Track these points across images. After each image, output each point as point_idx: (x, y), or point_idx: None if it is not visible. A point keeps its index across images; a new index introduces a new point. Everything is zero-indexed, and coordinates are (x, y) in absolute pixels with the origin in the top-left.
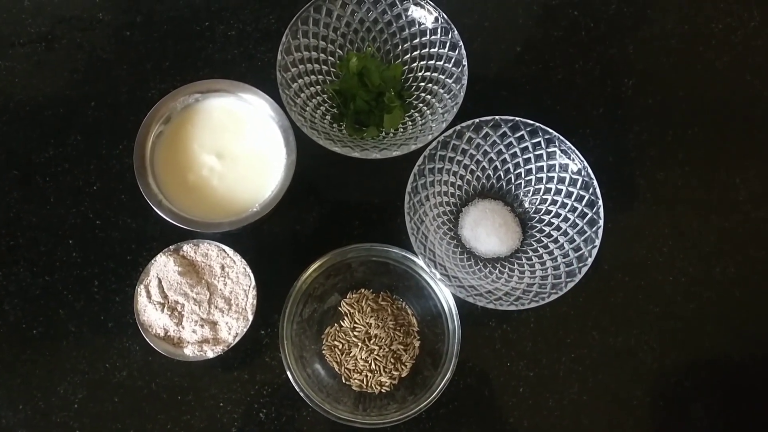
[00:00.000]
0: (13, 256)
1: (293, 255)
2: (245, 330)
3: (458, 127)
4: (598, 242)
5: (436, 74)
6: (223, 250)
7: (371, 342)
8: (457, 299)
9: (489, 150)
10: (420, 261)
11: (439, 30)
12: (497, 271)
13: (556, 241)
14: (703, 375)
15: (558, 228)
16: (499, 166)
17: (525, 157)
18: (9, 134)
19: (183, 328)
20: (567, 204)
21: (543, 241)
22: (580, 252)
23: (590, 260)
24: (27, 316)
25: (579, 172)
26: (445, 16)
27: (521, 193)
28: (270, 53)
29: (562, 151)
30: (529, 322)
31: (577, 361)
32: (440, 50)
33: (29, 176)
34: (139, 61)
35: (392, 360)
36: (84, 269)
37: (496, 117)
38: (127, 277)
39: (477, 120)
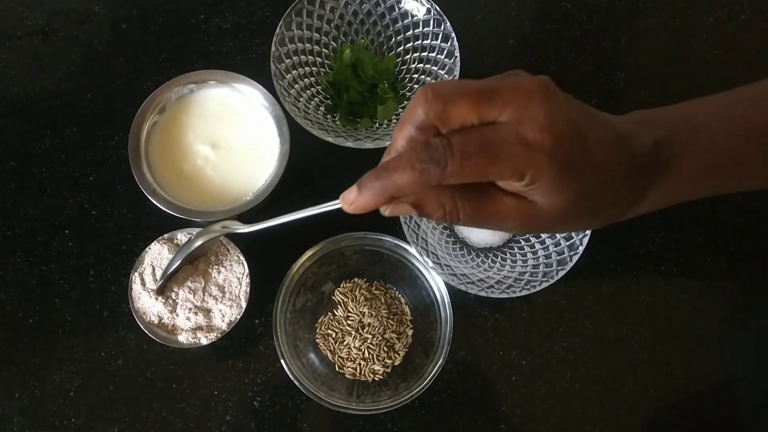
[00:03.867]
0: (10, 246)
1: (287, 244)
2: (239, 317)
3: None
4: (589, 231)
5: (429, 66)
6: (217, 238)
7: (365, 331)
8: (449, 289)
9: None
10: (413, 250)
11: (431, 22)
12: (489, 260)
13: None
14: (695, 364)
15: None
16: None
17: None
18: (6, 126)
19: (177, 315)
20: None
21: None
22: (572, 241)
23: (581, 248)
24: (23, 306)
25: None
26: (438, 8)
27: None
28: (265, 46)
29: None
30: (521, 311)
31: (570, 349)
32: (433, 42)
33: (26, 167)
34: (135, 53)
35: (385, 348)
36: (80, 259)
37: None
38: (123, 267)
39: None
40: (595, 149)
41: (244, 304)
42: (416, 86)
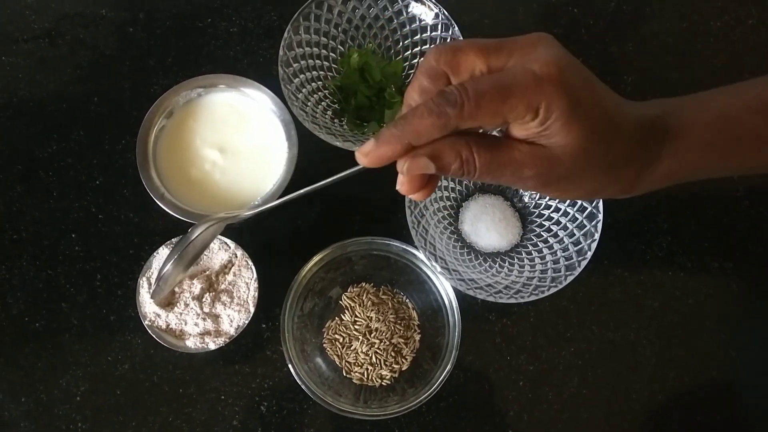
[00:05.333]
0: (17, 249)
1: (294, 249)
2: (246, 322)
3: None
4: (597, 236)
5: None
6: (225, 243)
7: (372, 335)
8: (457, 293)
9: None
10: (420, 255)
11: (439, 26)
12: (497, 265)
13: (555, 235)
14: (702, 369)
15: (558, 222)
16: None
17: None
18: (12, 130)
19: (185, 320)
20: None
21: (543, 236)
22: (580, 246)
23: (590, 254)
24: (30, 310)
25: None
26: (446, 13)
27: None
28: (272, 50)
29: None
30: (529, 316)
31: (577, 355)
32: None
33: (32, 171)
34: (141, 57)
35: (393, 353)
36: (86, 263)
37: None
38: (129, 271)
39: None
40: (602, 92)
41: (252, 309)
42: None
